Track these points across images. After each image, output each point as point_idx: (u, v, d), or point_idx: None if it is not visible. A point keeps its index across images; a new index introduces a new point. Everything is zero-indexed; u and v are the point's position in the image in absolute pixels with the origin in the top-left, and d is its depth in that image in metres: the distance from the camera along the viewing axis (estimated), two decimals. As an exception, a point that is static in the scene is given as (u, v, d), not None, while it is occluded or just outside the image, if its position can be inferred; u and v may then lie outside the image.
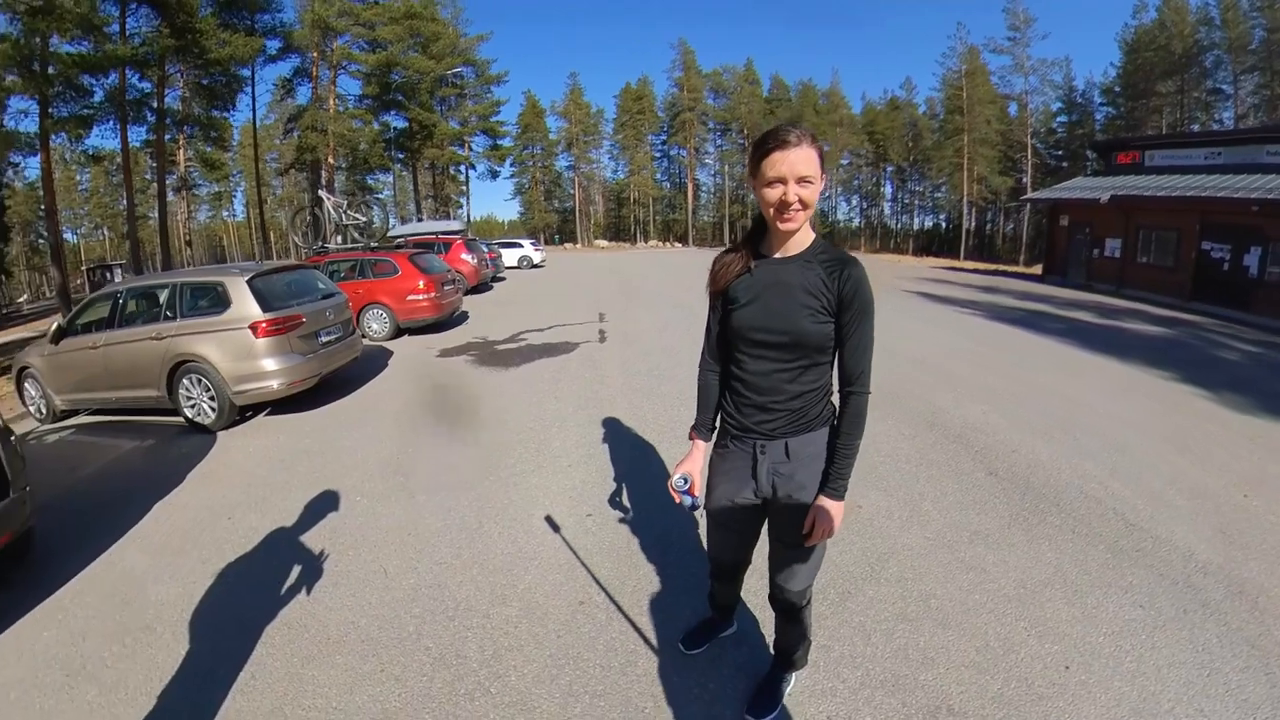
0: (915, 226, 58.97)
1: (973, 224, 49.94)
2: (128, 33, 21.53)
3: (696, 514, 2.02)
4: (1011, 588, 2.66)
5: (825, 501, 1.62)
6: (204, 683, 2.33)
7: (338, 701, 2.18)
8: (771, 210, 1.51)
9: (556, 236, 60.69)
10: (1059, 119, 46.50)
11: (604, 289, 16.13)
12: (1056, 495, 3.55)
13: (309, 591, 2.87)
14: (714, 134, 59.64)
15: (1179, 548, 2.97)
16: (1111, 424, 4.83)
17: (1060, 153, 46.10)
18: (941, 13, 78.95)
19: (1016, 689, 2.09)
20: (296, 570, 3.06)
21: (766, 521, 1.84)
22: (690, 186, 59.00)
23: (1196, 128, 36.62)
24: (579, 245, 56.79)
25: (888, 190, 59.84)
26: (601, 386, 6.18)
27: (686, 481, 1.79)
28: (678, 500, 1.80)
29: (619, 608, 2.63)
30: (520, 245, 27.31)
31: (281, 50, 29.78)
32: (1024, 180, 43.53)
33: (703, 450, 1.86)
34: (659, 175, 62.21)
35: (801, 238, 1.58)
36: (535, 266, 26.47)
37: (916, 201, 58.18)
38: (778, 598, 1.85)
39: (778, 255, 1.61)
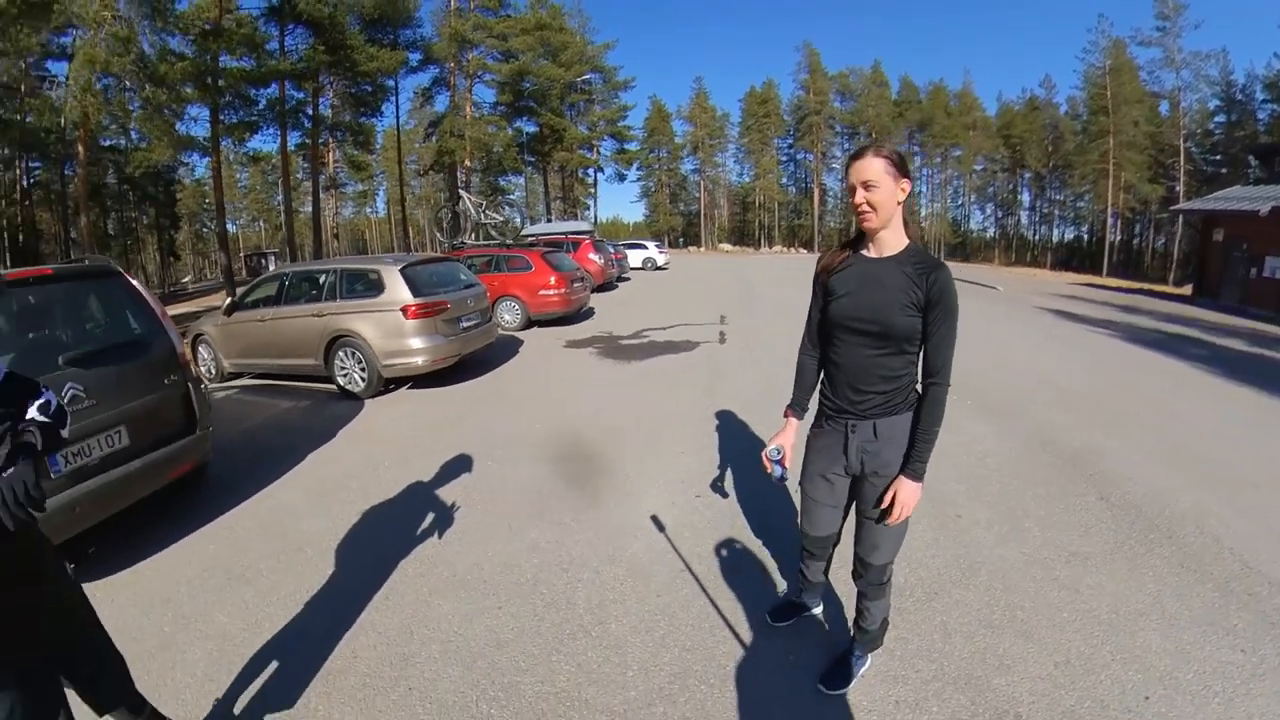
0: (1054, 239, 54.18)
1: (1118, 237, 45.07)
2: (286, 49, 24.48)
3: (788, 489, 2.22)
4: (1104, 612, 2.61)
5: (905, 481, 1.81)
6: (344, 598, 2.82)
7: (459, 628, 2.58)
8: (854, 213, 1.76)
9: (681, 239, 61.53)
10: (1216, 119, 40.62)
11: (726, 293, 16.32)
12: (1170, 527, 3.36)
13: (440, 536, 3.35)
14: (841, 137, 57.82)
15: None
16: (1246, 460, 4.41)
17: (1218, 157, 40.28)
18: (1082, 2, 71.32)
19: (1090, 709, 2.08)
20: (430, 517, 3.56)
21: (854, 498, 2.03)
22: (816, 191, 57.86)
23: None
24: (703, 249, 57.22)
25: (1025, 199, 55.40)
26: (718, 383, 6.45)
27: (779, 453, 2.04)
28: (769, 469, 2.04)
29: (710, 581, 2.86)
30: (645, 247, 28.14)
31: (422, 62, 32.44)
32: (1176, 189, 38.46)
33: (795, 427, 2.10)
34: (784, 179, 61.31)
35: (895, 241, 1.78)
36: (659, 268, 27.15)
37: (1056, 211, 53.26)
38: (860, 572, 2.03)
39: (874, 255, 1.81)
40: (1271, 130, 36.09)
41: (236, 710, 2.21)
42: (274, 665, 2.42)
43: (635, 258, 26.07)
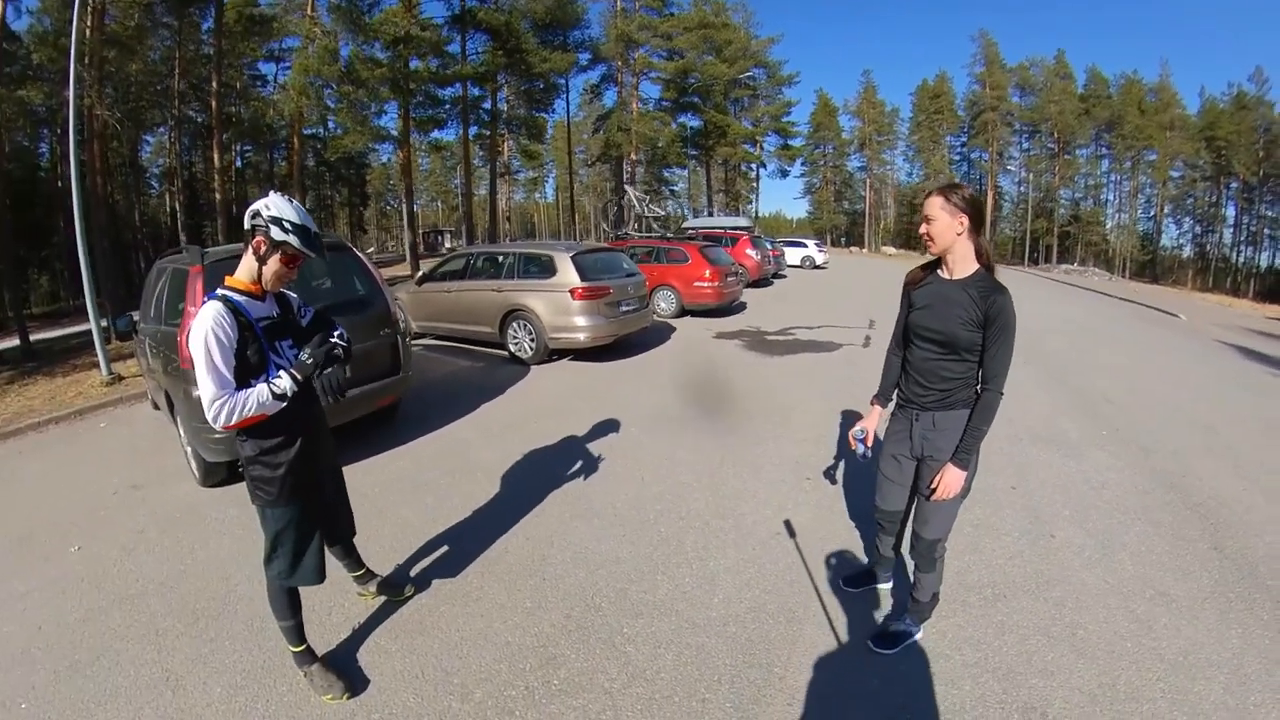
0: (1261, 263, 45.83)
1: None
2: (467, 53, 27.50)
3: (864, 461, 2.70)
4: (1173, 654, 2.57)
5: (951, 467, 2.24)
6: (504, 511, 3.73)
7: (589, 544, 3.38)
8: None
9: (844, 239, 60.08)
10: None
11: (881, 297, 15.81)
12: (1283, 591, 3.23)
13: (585, 478, 4.21)
14: (1020, 136, 53.25)
15: None
16: None
17: None
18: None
19: None
20: (579, 463, 4.44)
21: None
22: (990, 194, 52.95)
23: None
24: (865, 250, 55.08)
25: (1229, 213, 47.53)
26: (852, 384, 6.75)
27: (864, 433, 2.57)
28: (853, 446, 2.57)
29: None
30: (804, 245, 27.85)
31: (590, 61, 34.86)
32: None
33: (878, 414, 2.60)
34: (957, 180, 56.56)
35: (964, 266, 2.20)
36: (817, 267, 26.86)
37: (1266, 230, 45.13)
38: (914, 545, 2.47)
39: (946, 276, 2.25)
40: None
41: (412, 573, 3.14)
42: (444, 549, 3.36)
43: (793, 255, 25.86)
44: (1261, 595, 3.15)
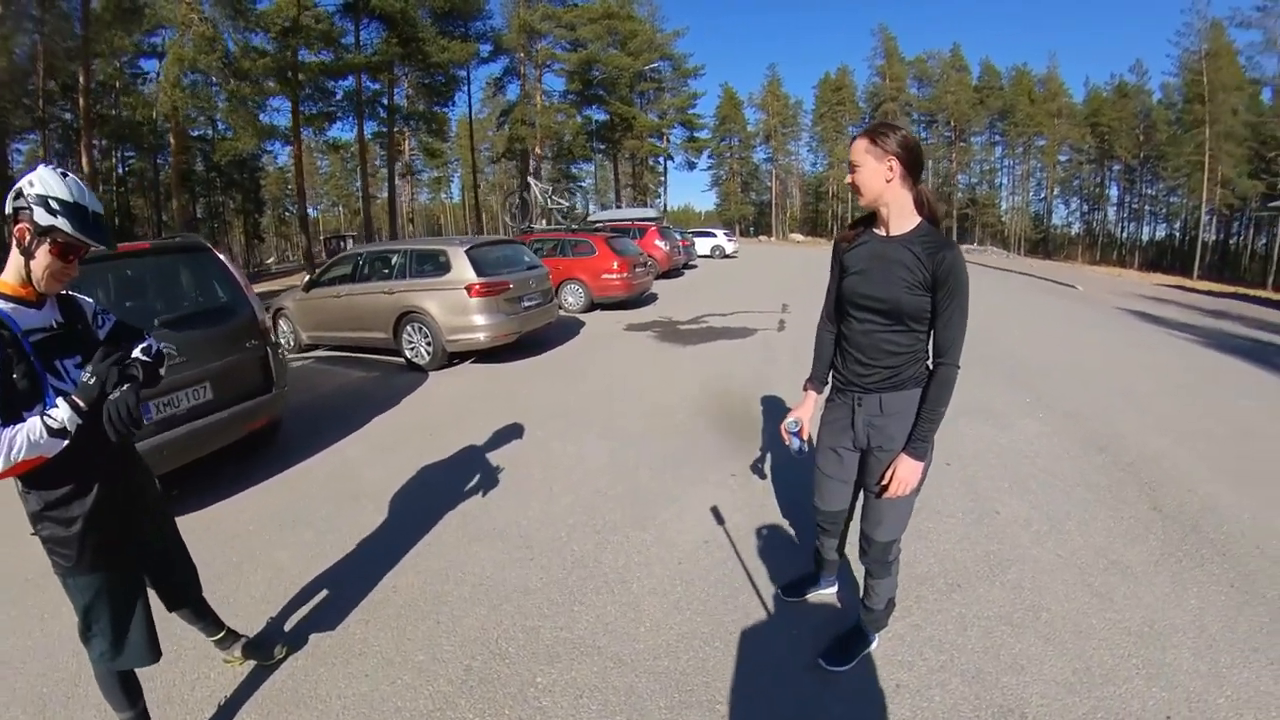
0: (1143, 237, 50.70)
1: (1212, 236, 41.72)
2: (361, 43, 25.84)
3: (800, 457, 2.30)
4: (1136, 623, 2.51)
5: (904, 457, 1.86)
6: (393, 542, 3.16)
7: (491, 574, 2.85)
8: None
9: (751, 228, 61.16)
10: None
11: (792, 282, 16.22)
12: (1226, 544, 3.17)
13: (485, 493, 3.65)
14: (918, 125, 55.65)
15: None
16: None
17: None
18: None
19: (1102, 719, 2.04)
20: (479, 477, 3.87)
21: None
22: None
23: None
24: (773, 238, 56.72)
25: (1113, 193, 52.11)
26: (770, 369, 6.53)
27: (797, 424, 2.13)
28: (787, 441, 2.14)
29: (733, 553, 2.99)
30: (713, 235, 28.04)
31: (492, 52, 33.64)
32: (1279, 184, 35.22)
33: (814, 400, 2.18)
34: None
35: (904, 221, 1.82)
36: (727, 256, 27.01)
37: (1146, 207, 49.94)
38: (865, 548, 2.09)
39: (884, 234, 1.86)
40: None
41: (286, 628, 2.56)
42: (324, 594, 2.76)
43: (703, 245, 26.09)
44: (1208, 550, 3.14)
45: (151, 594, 1.98)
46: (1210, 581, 2.85)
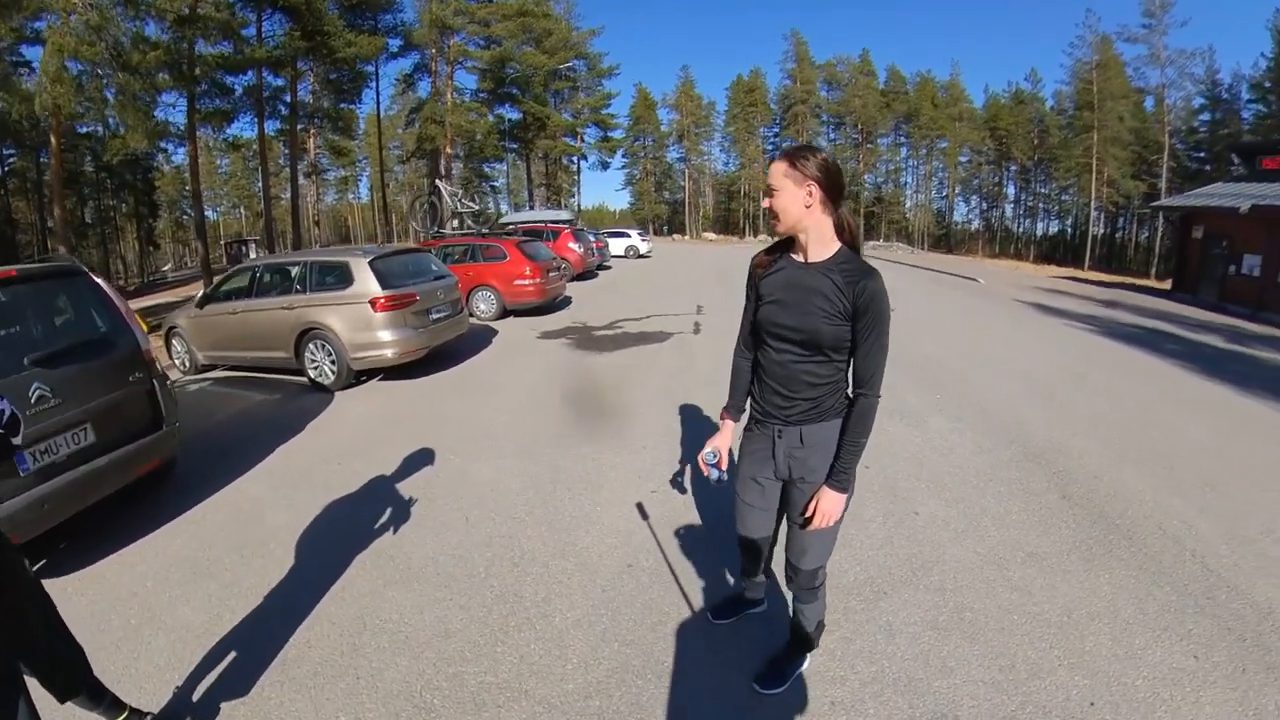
0: (1038, 232, 54.89)
1: (1100, 231, 45.72)
2: (263, 35, 24.06)
3: (720, 487, 2.21)
4: (1055, 614, 2.60)
5: (827, 490, 1.79)
6: (303, 590, 2.84)
7: (409, 618, 2.61)
8: None
9: (665, 228, 61.40)
10: (1201, 117, 41.15)
11: (706, 282, 16.33)
12: (1131, 528, 3.37)
13: (398, 529, 3.36)
14: (827, 127, 58.21)
15: (1257, 603, 2.71)
16: (1215, 461, 4.44)
17: (1202, 154, 40.87)
18: (1070, -2, 71.18)
19: (1031, 714, 2.06)
20: (390, 511, 3.56)
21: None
22: None
23: None
24: (687, 237, 57.25)
25: (1010, 191, 55.98)
26: (688, 375, 6.45)
27: (715, 455, 2.02)
28: (705, 473, 2.03)
29: (671, 569, 2.87)
30: (627, 235, 28.08)
31: (402, 48, 31.97)
32: (1159, 184, 38.86)
33: (731, 429, 2.08)
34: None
35: (823, 248, 1.75)
36: (641, 257, 27.07)
37: (1040, 204, 54.03)
38: (791, 576, 2.02)
39: (802, 260, 1.78)
40: (1255, 129, 36.35)
41: (195, 698, 2.26)
42: (232, 655, 2.46)
43: (617, 246, 26.08)
44: (1115, 536, 3.31)
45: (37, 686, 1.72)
46: (1119, 566, 3.00)
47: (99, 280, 3.72)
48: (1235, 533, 3.36)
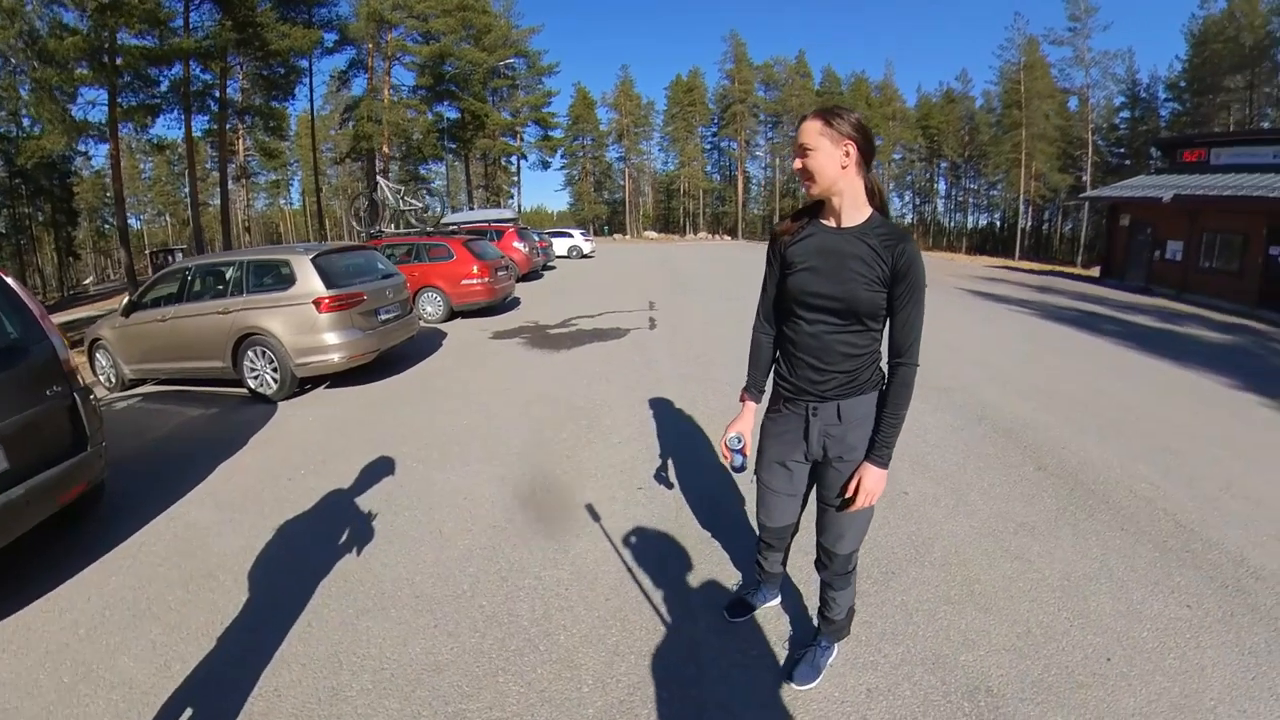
0: (969, 225, 57.39)
1: (1029, 223, 48.20)
2: (191, 26, 22.41)
3: (739, 480, 2.07)
4: (1055, 579, 2.64)
5: (870, 467, 1.69)
6: (262, 627, 2.47)
7: (392, 652, 2.29)
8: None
9: (606, 228, 60.91)
10: (1121, 114, 44.41)
11: (653, 279, 16.24)
12: (1105, 493, 3.47)
13: (363, 549, 3.02)
14: (765, 126, 59.05)
15: (1230, 552, 2.86)
16: (1166, 428, 4.66)
17: (1122, 150, 44.02)
18: (999, 1, 75.65)
19: (1056, 676, 2.08)
20: (353, 529, 3.23)
21: (815, 485, 1.89)
22: (740, 179, 58.74)
23: (1268, 125, 34.16)
24: (628, 236, 57.06)
25: (941, 187, 58.41)
26: (650, 370, 6.29)
27: (740, 440, 1.88)
28: (728, 459, 1.89)
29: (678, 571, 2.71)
30: (570, 235, 27.84)
31: (338, 42, 30.61)
32: (1084, 178, 41.43)
33: (753, 411, 1.94)
34: (709, 167, 61.99)
35: (857, 212, 1.64)
36: (585, 256, 26.88)
37: (971, 199, 56.52)
38: (825, 562, 1.90)
39: (834, 225, 1.67)
40: (1172, 125, 39.63)
41: None
42: (188, 714, 2.08)
43: (561, 246, 25.83)
44: (1094, 501, 3.41)
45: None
46: (1104, 529, 3.09)
47: (7, 278, 3.25)
48: (1198, 491, 3.53)
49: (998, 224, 54.21)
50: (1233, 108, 37.64)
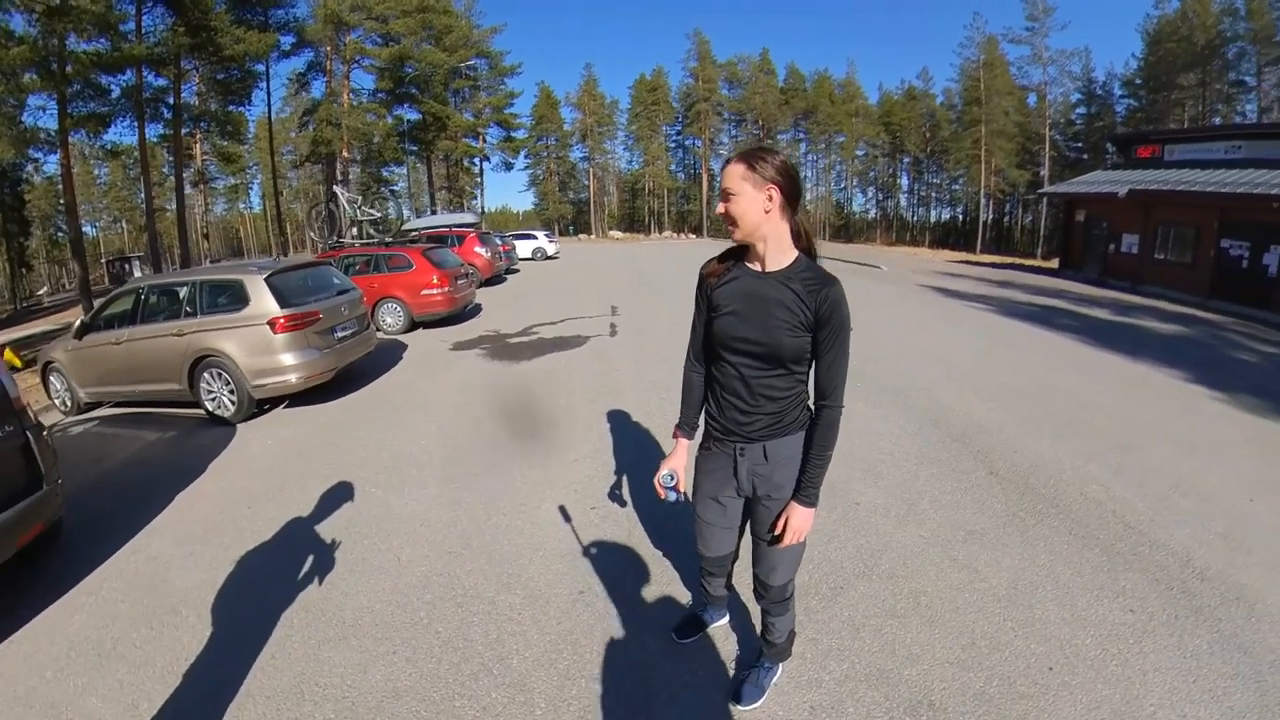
0: (931, 219, 58.45)
1: (989, 217, 49.30)
2: (143, 31, 21.70)
3: (679, 507, 2.12)
4: (1002, 588, 2.71)
5: (796, 506, 1.73)
6: (227, 662, 2.48)
7: (353, 680, 2.32)
8: None
9: (571, 228, 60.63)
10: (1078, 111, 45.81)
11: (617, 281, 16.24)
12: (1055, 496, 3.58)
13: (324, 578, 3.01)
14: (729, 125, 59.29)
15: (1177, 552, 2.97)
16: (1119, 424, 4.83)
17: (1079, 145, 45.37)
18: (959, 1, 77.27)
19: (998, 687, 2.14)
20: (313, 558, 3.21)
21: (748, 520, 1.95)
22: (705, 177, 58.90)
23: (1219, 121, 35.75)
24: (593, 236, 56.82)
25: (904, 182, 59.32)
26: (610, 381, 6.28)
27: (673, 478, 1.92)
28: (662, 496, 1.92)
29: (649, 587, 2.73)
30: (534, 237, 27.41)
31: (295, 45, 29.99)
32: (1042, 173, 42.75)
33: (686, 447, 1.98)
34: (674, 166, 61.97)
35: (782, 256, 1.67)
36: (549, 258, 26.54)
37: (933, 194, 57.65)
38: (761, 592, 1.95)
39: (758, 269, 1.69)
40: (1128, 121, 41.19)
41: None
42: None
43: (524, 248, 25.54)
44: (1043, 506, 3.51)
45: None
46: (1052, 534, 3.18)
47: None
48: (1148, 490, 3.66)
49: (960, 218, 55.31)
50: (1186, 105, 39.15)
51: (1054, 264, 22.14)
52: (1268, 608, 2.56)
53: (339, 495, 3.92)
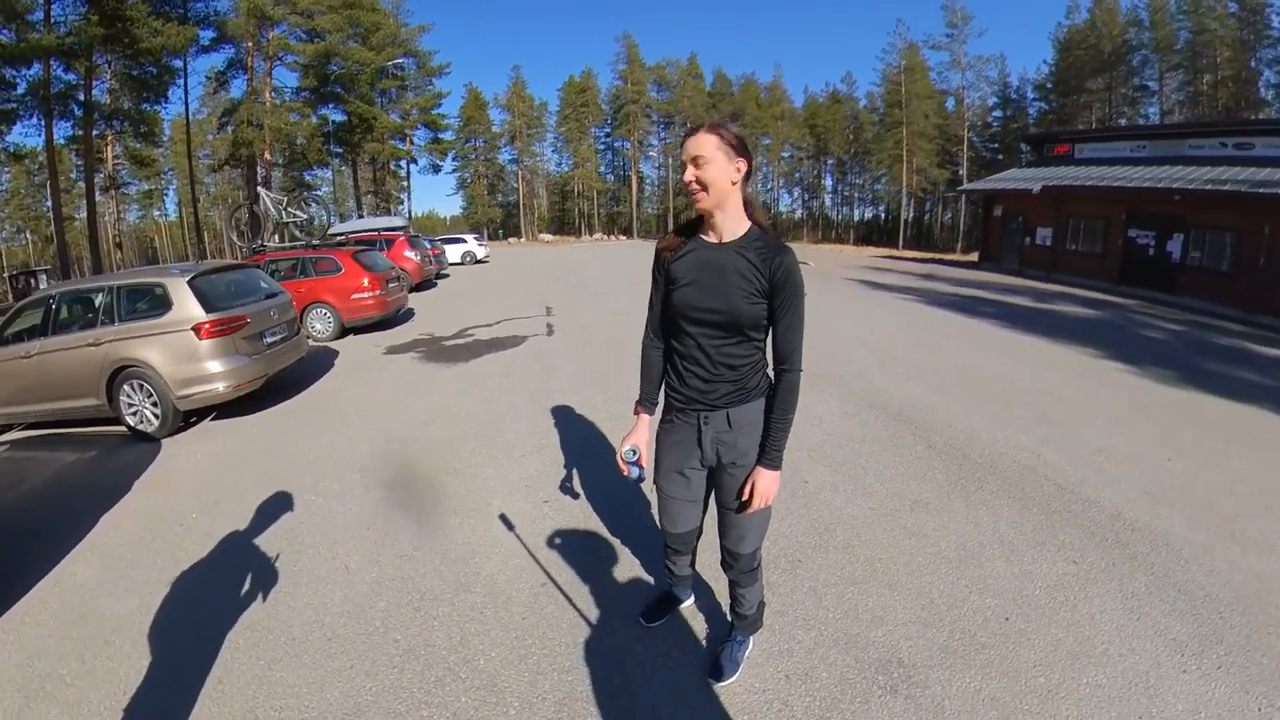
0: (855, 217, 60.74)
1: (911, 214, 51.67)
2: (53, 20, 20.09)
3: (644, 488, 2.11)
4: (952, 550, 2.85)
5: (762, 470, 1.77)
6: (170, 692, 2.28)
7: (309, 700, 2.17)
8: (686, 192, 1.69)
9: (500, 231, 59.74)
10: (994, 113, 48.59)
11: (550, 282, 16.14)
12: (992, 464, 3.80)
13: (268, 594, 2.84)
14: (658, 127, 59.88)
15: (1107, 508, 3.21)
16: (1043, 398, 5.16)
17: (995, 145, 48.10)
18: (882, 9, 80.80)
19: (961, 640, 2.25)
20: (255, 573, 3.01)
21: (713, 490, 1.96)
22: (634, 179, 59.46)
23: (1124, 122, 38.83)
24: (523, 239, 56.14)
25: (828, 183, 61.30)
26: (550, 378, 6.23)
27: (635, 453, 1.92)
28: (625, 472, 1.92)
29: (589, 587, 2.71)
30: (464, 241, 27.12)
31: (215, 40, 28.23)
32: (960, 172, 45.27)
33: (647, 423, 1.99)
34: (603, 168, 61.95)
35: (736, 226, 1.71)
36: (479, 262, 26.23)
37: (857, 193, 59.88)
38: (730, 563, 1.98)
39: (714, 241, 1.73)
40: (1040, 123, 43.87)
41: None
42: None
43: (454, 252, 25.18)
44: (982, 473, 3.72)
45: None
46: (992, 498, 3.37)
47: None
48: (1075, 455, 3.94)
49: (883, 216, 57.60)
50: (1094, 107, 42.17)
51: (974, 257, 23.42)
52: (1194, 551, 2.82)
53: (278, 506, 3.70)
